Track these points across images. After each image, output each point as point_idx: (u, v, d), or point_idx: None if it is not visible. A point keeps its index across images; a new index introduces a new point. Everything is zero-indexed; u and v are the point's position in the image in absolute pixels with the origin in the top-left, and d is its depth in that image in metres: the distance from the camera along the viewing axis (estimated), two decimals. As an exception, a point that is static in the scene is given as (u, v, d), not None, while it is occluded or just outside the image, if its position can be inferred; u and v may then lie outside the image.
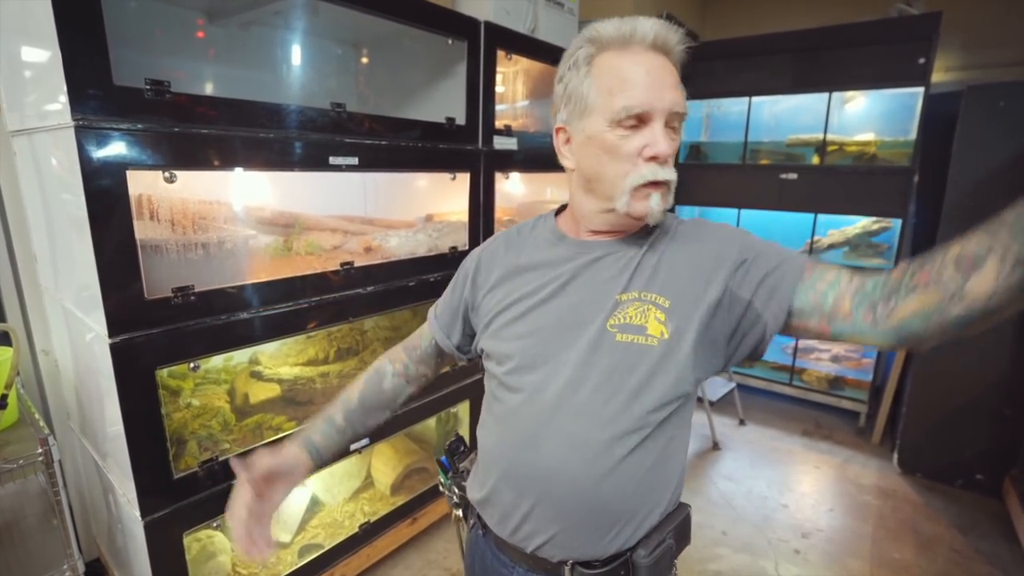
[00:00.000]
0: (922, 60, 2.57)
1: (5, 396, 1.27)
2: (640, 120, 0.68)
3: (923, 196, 2.99)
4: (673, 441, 0.75)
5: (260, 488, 0.79)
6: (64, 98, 0.99)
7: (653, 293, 0.72)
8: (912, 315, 0.58)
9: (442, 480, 0.98)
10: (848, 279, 0.66)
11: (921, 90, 2.61)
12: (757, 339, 0.71)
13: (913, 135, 2.69)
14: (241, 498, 0.78)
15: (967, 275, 0.53)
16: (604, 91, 0.69)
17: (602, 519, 0.72)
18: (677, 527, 0.77)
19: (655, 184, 0.70)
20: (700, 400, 2.82)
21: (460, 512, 0.96)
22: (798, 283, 0.68)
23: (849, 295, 0.64)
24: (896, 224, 2.87)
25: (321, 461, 0.89)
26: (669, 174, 0.70)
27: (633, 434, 0.71)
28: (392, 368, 0.95)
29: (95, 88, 1.01)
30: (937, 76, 2.85)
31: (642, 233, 0.77)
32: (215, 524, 1.41)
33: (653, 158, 0.68)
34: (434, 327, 0.93)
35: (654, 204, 0.70)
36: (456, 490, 0.95)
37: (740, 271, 0.71)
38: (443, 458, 0.99)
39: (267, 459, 0.81)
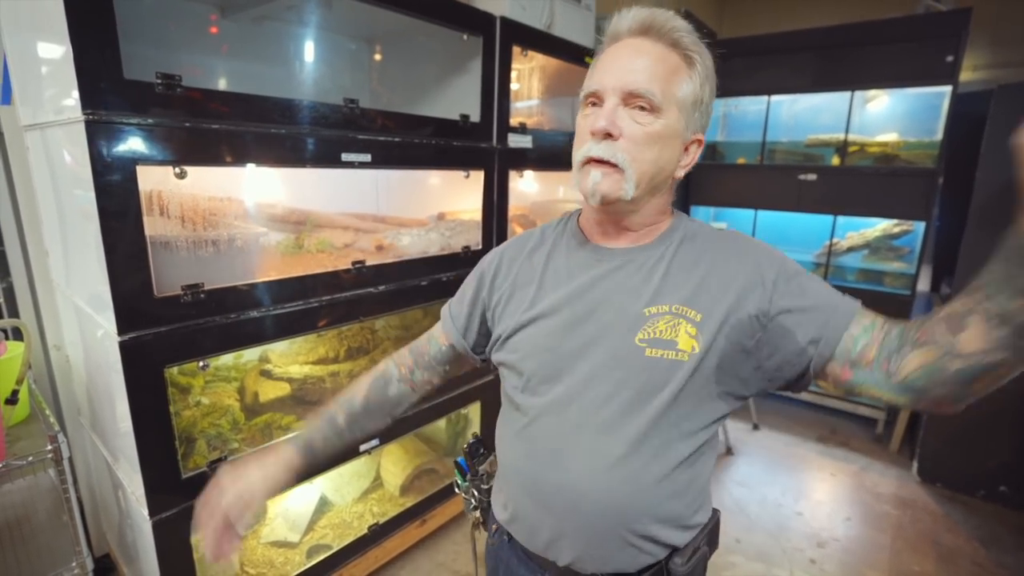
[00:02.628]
0: (950, 58, 2.49)
1: (16, 392, 1.27)
2: (597, 100, 0.70)
3: (947, 199, 2.92)
4: (702, 455, 0.74)
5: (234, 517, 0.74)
6: (75, 92, 0.98)
7: (684, 306, 0.70)
8: (916, 370, 0.58)
9: (459, 482, 0.95)
10: (880, 326, 0.63)
11: (948, 89, 2.54)
12: (797, 373, 0.68)
13: (939, 135, 2.62)
14: (214, 516, 0.73)
15: (956, 333, 0.54)
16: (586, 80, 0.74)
17: (631, 534, 0.71)
18: (709, 533, 0.77)
19: (595, 161, 0.69)
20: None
21: (478, 515, 0.93)
22: (844, 329, 0.64)
23: (876, 343, 0.62)
24: (919, 227, 2.80)
25: (315, 465, 0.85)
26: (602, 151, 0.68)
27: (660, 448, 0.70)
28: (398, 373, 0.91)
29: (105, 82, 0.99)
30: (963, 75, 2.76)
31: (661, 241, 0.75)
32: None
33: (593, 134, 0.69)
34: (449, 328, 0.90)
35: (590, 181, 0.70)
36: (475, 493, 0.92)
37: (785, 298, 0.67)
38: (461, 459, 0.95)
39: (231, 498, 0.74)
